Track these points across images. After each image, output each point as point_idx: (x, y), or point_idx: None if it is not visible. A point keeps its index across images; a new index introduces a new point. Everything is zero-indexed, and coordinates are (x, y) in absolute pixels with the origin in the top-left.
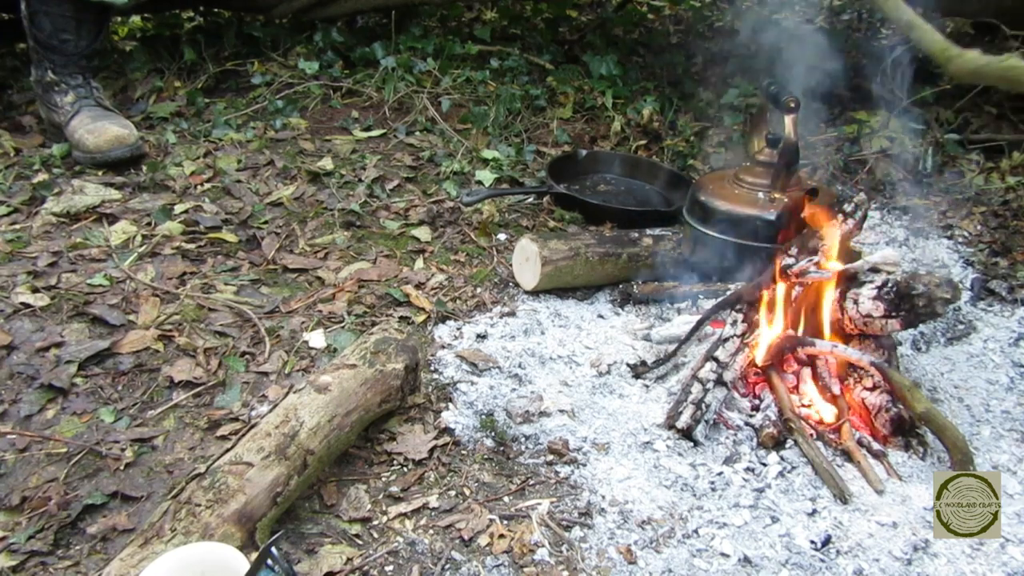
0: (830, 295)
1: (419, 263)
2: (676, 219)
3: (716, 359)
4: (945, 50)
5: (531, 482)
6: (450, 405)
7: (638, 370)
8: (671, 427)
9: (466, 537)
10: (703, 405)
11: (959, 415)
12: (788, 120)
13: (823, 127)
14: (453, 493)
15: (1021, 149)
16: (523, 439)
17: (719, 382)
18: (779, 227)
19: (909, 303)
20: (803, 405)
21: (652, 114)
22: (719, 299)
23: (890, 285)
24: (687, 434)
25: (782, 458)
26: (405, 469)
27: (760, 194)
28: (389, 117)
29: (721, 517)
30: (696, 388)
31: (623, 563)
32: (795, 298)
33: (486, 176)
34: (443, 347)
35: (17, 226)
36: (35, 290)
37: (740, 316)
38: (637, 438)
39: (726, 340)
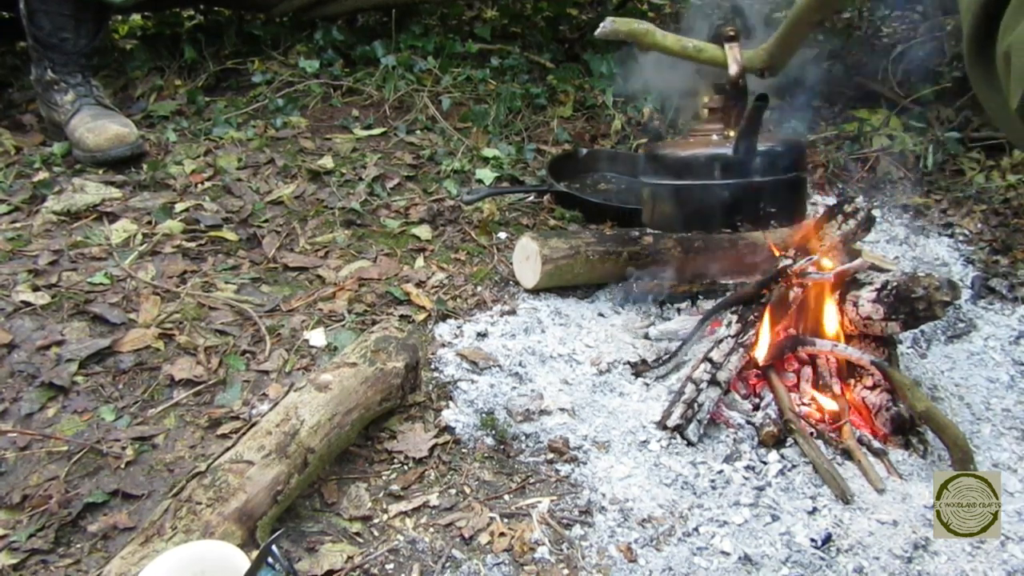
0: (830, 296)
1: (419, 262)
2: None
3: (711, 360)
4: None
5: (531, 480)
6: (450, 403)
7: (638, 368)
8: (663, 426)
9: (466, 535)
10: (695, 405)
11: (959, 413)
12: (728, 51)
13: (824, 125)
14: (453, 491)
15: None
16: (523, 437)
17: (713, 382)
18: (737, 160)
19: (909, 306)
20: (803, 404)
21: (652, 113)
22: (719, 299)
23: (890, 288)
24: (679, 432)
25: (782, 456)
26: (405, 467)
27: (714, 136)
28: (389, 116)
29: (721, 515)
30: (689, 388)
31: (623, 561)
32: (794, 298)
33: (486, 175)
34: (443, 346)
35: (18, 224)
36: (36, 288)
37: (735, 317)
38: (637, 436)
39: (720, 341)
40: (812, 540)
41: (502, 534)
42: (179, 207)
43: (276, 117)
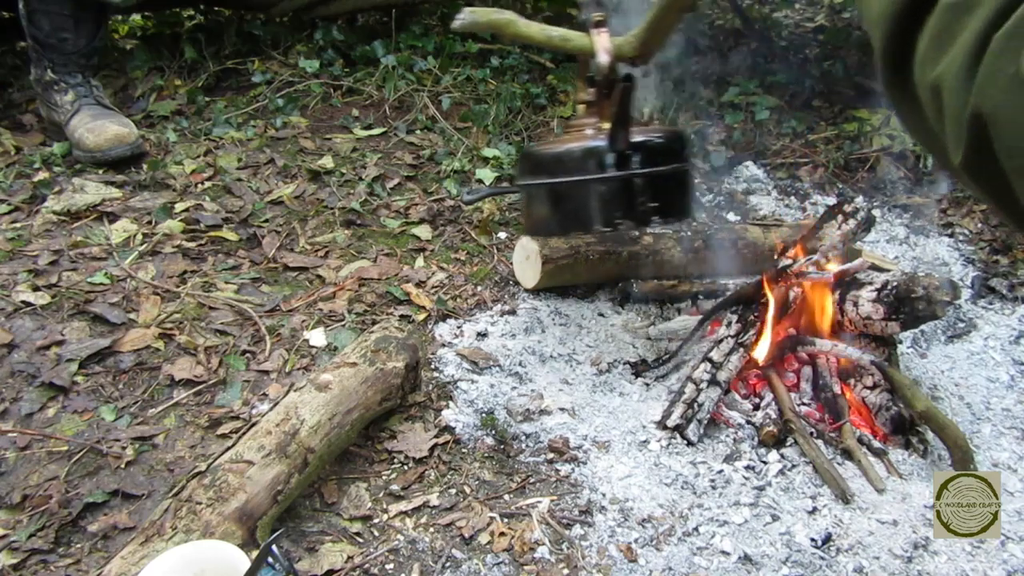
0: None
1: (419, 261)
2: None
3: (711, 360)
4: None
5: (531, 480)
6: (451, 403)
7: (638, 368)
8: (663, 426)
9: (467, 535)
10: (695, 404)
11: (960, 413)
12: (595, 39)
13: (824, 125)
14: (454, 491)
15: None
16: (523, 437)
17: (713, 382)
18: (611, 152)
19: (909, 306)
20: (803, 404)
21: (653, 112)
22: (720, 299)
23: (890, 288)
24: (679, 432)
25: (782, 456)
26: (406, 467)
27: (588, 130)
28: (389, 115)
29: (721, 515)
30: (689, 388)
31: (624, 561)
32: (795, 298)
33: (486, 174)
34: (443, 345)
35: (18, 224)
36: (36, 288)
37: (735, 317)
38: (637, 436)
39: (720, 341)
40: (812, 540)
41: (502, 534)
42: (179, 207)
43: (276, 117)
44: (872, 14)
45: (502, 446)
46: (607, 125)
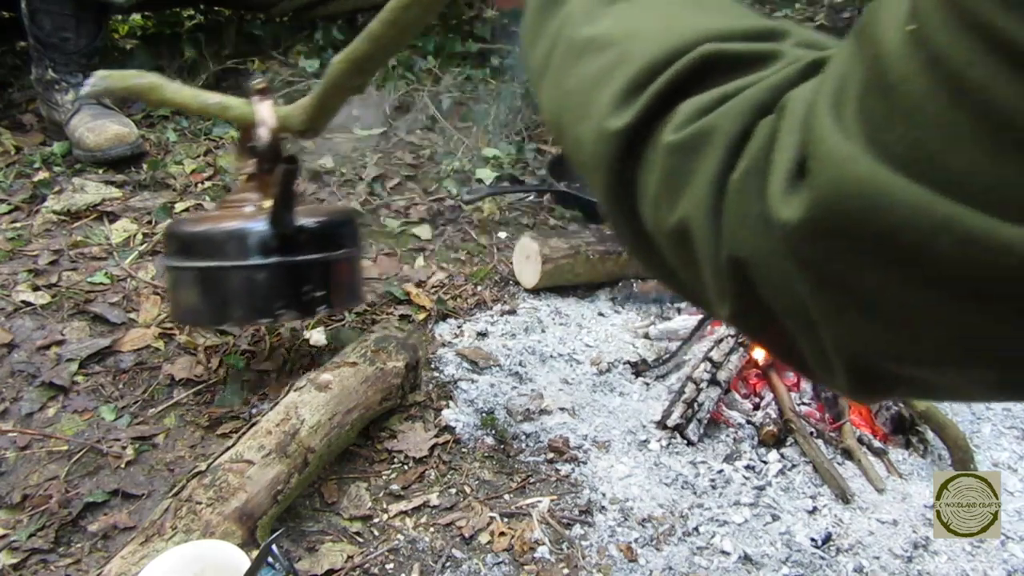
0: None
1: (419, 261)
2: None
3: (711, 359)
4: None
5: (532, 480)
6: (451, 403)
7: (638, 368)
8: (663, 426)
9: (467, 535)
10: (695, 404)
11: (960, 412)
12: (258, 108)
13: None
14: (454, 491)
15: None
16: (524, 437)
17: (713, 382)
18: (272, 235)
19: None
20: (803, 403)
21: None
22: None
23: None
24: (679, 432)
25: (783, 456)
26: (406, 467)
27: (248, 207)
28: (389, 115)
29: (722, 515)
30: (689, 388)
31: (624, 561)
32: None
33: (486, 174)
34: (443, 345)
35: (18, 224)
36: (36, 288)
37: None
38: (637, 436)
39: (720, 340)
40: (812, 540)
41: (502, 533)
42: (179, 206)
43: None
44: (583, 157)
45: (502, 446)
46: (269, 203)
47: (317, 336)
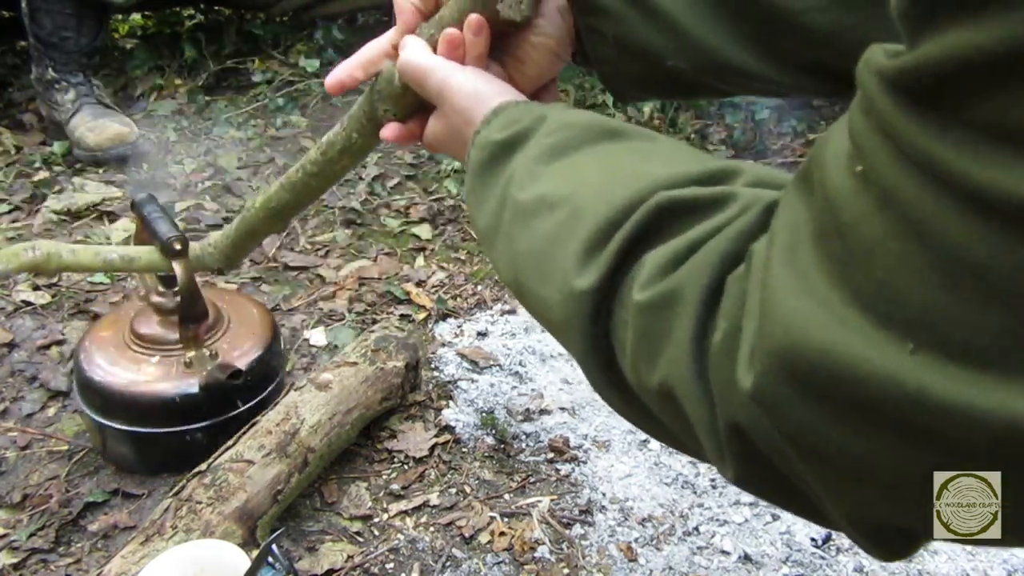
0: None
1: (420, 261)
2: None
3: None
4: None
5: (532, 480)
6: (451, 403)
7: None
8: None
9: (467, 535)
10: None
11: None
12: (179, 270)
13: (824, 124)
14: (454, 491)
15: None
16: (524, 437)
17: None
18: (210, 399)
19: None
20: None
21: (653, 112)
22: None
23: None
24: None
25: None
26: (406, 467)
27: (173, 356)
28: None
29: (722, 514)
30: None
31: (624, 560)
32: None
33: None
34: (444, 345)
35: (18, 224)
36: (36, 288)
37: None
38: (637, 436)
39: None
40: (812, 539)
41: (502, 533)
42: (179, 206)
43: (276, 116)
44: (553, 319)
45: (502, 445)
46: (191, 354)
47: (317, 336)
